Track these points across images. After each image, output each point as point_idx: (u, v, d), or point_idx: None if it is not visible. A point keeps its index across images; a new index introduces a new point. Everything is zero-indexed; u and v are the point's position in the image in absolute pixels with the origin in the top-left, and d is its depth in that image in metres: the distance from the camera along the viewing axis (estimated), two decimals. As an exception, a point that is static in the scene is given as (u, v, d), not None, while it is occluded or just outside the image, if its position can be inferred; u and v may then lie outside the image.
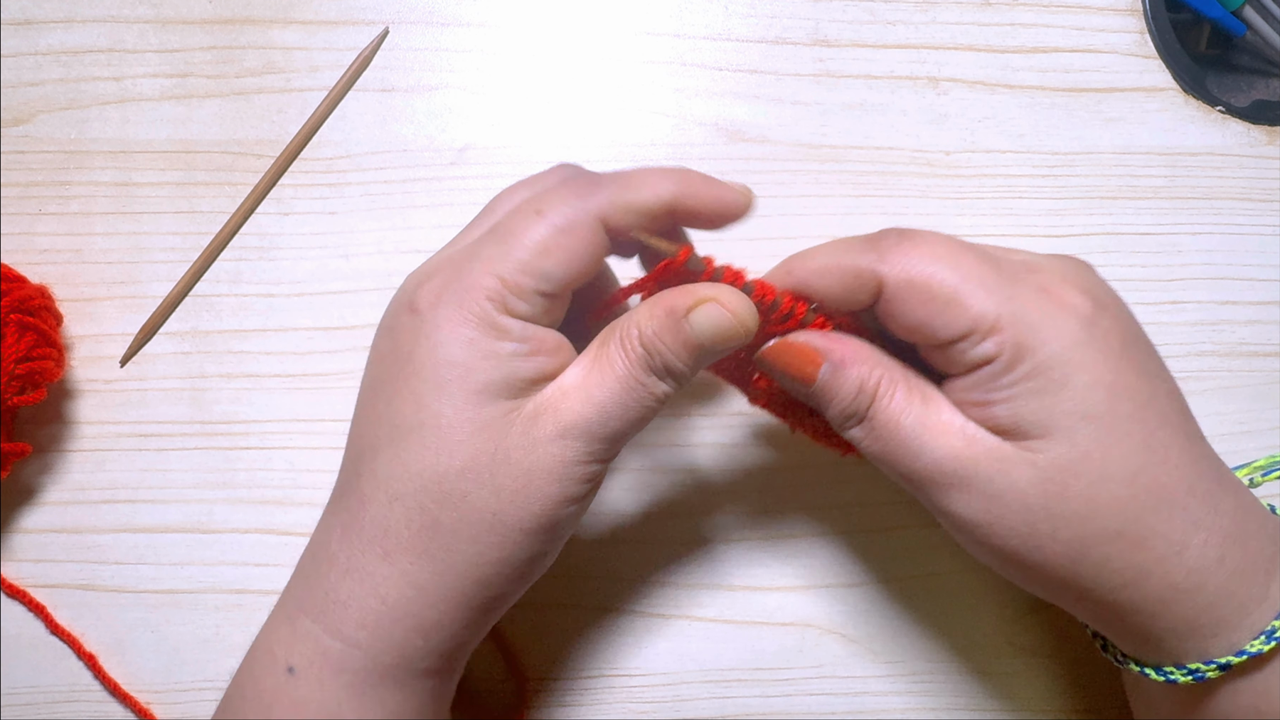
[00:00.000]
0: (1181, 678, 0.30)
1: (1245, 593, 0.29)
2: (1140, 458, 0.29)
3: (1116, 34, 0.43)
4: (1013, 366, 0.28)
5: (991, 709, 0.40)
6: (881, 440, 0.30)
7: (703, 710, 0.39)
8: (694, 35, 0.42)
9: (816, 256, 0.31)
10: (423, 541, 0.28)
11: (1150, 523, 0.29)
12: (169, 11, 0.41)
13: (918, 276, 0.29)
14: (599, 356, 0.29)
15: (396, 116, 0.41)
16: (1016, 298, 0.29)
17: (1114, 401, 0.28)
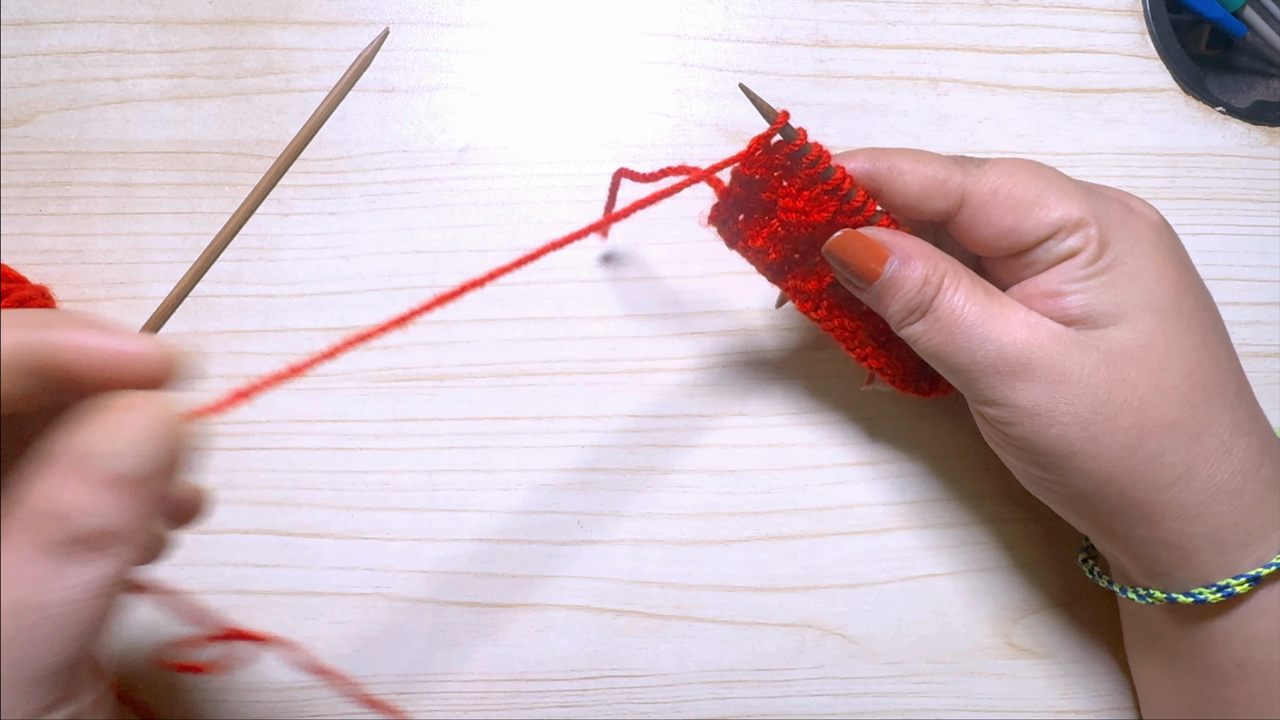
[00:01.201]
0: (1211, 596, 0.30)
1: (1277, 502, 0.30)
2: (1198, 353, 0.30)
3: (1117, 35, 0.43)
4: (1095, 259, 0.30)
5: (991, 709, 0.40)
6: (944, 332, 0.31)
7: (703, 711, 0.39)
8: (694, 36, 0.42)
9: (902, 158, 0.32)
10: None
11: (1204, 418, 0.30)
12: (169, 12, 0.41)
13: (1002, 186, 0.31)
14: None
15: (397, 117, 0.41)
16: (1096, 200, 0.31)
17: (1178, 299, 0.30)
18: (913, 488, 0.40)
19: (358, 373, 0.40)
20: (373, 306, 0.40)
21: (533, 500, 0.40)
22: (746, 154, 0.32)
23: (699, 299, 0.41)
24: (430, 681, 0.39)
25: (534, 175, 0.41)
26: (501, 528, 0.40)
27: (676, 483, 0.40)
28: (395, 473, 0.39)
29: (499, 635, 0.39)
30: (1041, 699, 0.40)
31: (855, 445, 0.41)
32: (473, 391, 0.40)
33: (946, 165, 0.32)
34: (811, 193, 0.32)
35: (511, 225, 0.41)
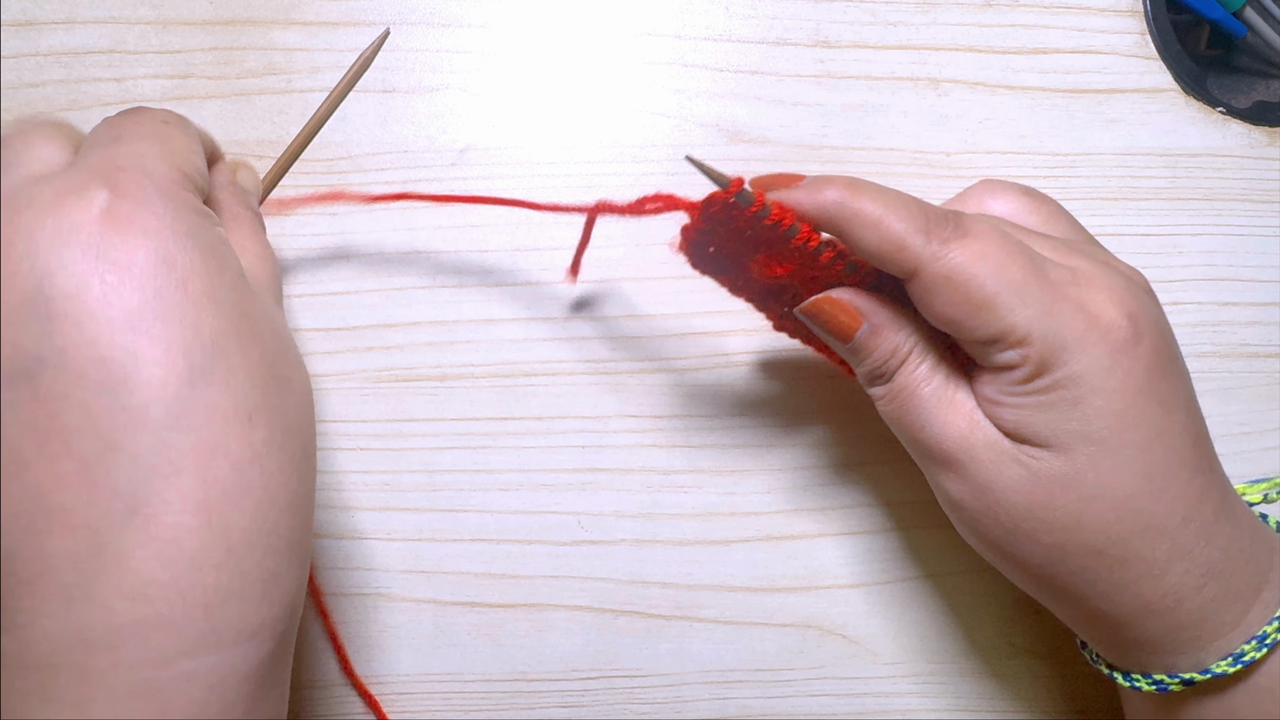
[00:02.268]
0: (1146, 686, 0.31)
1: (1218, 619, 0.29)
2: (1135, 485, 0.29)
3: (1117, 35, 0.43)
4: (1032, 379, 0.29)
5: (992, 709, 0.40)
6: (896, 403, 0.32)
7: (703, 711, 0.39)
8: (695, 36, 0.42)
9: (871, 205, 0.29)
10: (287, 452, 0.26)
11: (1134, 546, 0.29)
12: (170, 13, 0.41)
13: (956, 275, 0.28)
14: (236, 235, 0.29)
15: (397, 117, 0.41)
16: (1052, 314, 0.28)
17: (1122, 430, 0.29)
18: (913, 488, 0.40)
19: (358, 373, 0.40)
20: (373, 306, 0.40)
21: (533, 500, 0.40)
22: (700, 210, 0.31)
23: (699, 299, 0.41)
24: (430, 681, 0.39)
25: (534, 175, 0.41)
26: (501, 528, 0.40)
27: (676, 483, 0.40)
28: (395, 473, 0.39)
29: (499, 635, 0.39)
30: (1041, 699, 0.40)
31: (856, 445, 0.41)
32: (473, 391, 0.40)
33: (912, 230, 0.29)
34: (772, 252, 0.32)
35: (512, 225, 0.41)
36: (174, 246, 0.24)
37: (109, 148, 0.25)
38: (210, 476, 0.23)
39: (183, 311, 0.23)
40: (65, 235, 0.23)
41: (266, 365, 0.25)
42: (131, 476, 0.22)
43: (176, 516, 0.23)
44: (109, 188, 0.24)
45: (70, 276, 0.23)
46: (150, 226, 0.24)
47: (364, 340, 0.40)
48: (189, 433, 0.23)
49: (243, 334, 0.24)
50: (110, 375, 0.22)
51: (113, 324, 0.23)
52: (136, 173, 0.24)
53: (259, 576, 0.24)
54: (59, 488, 0.22)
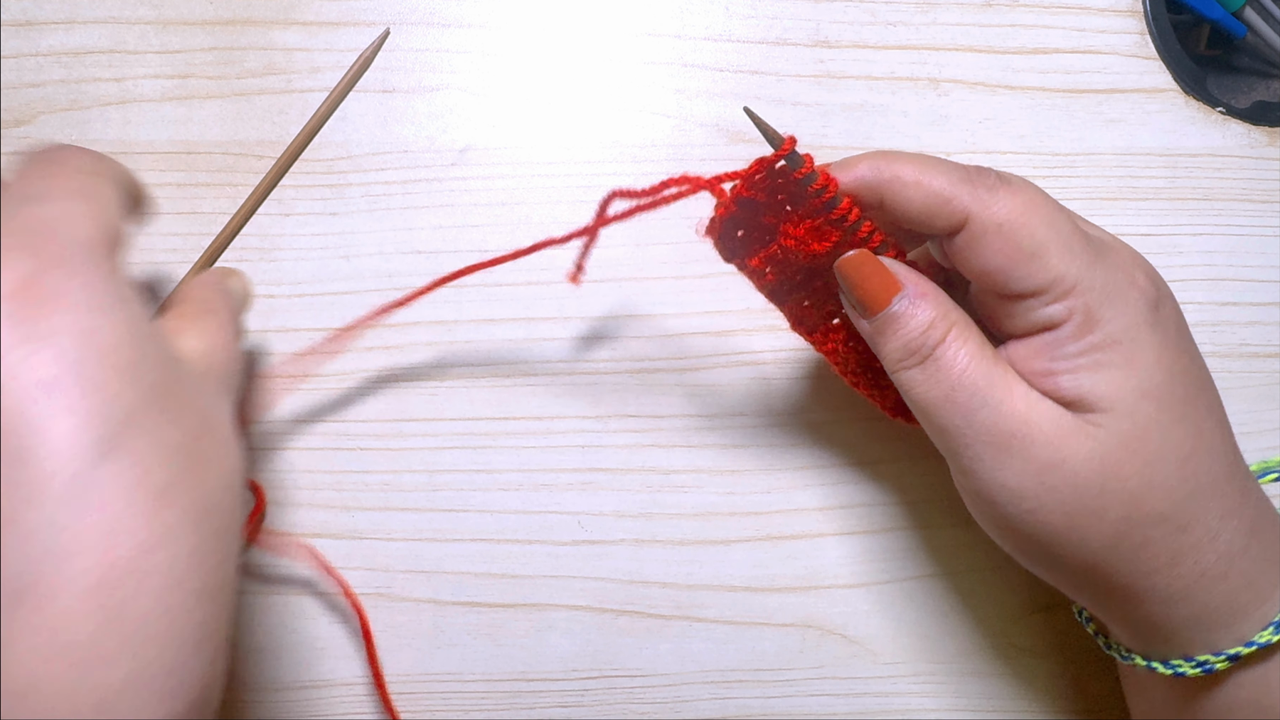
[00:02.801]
0: (1190, 670, 0.30)
1: (1262, 582, 0.29)
2: (1192, 442, 0.29)
3: (1117, 35, 0.43)
4: (1081, 335, 0.28)
5: (992, 709, 0.40)
6: (942, 385, 0.29)
7: (703, 711, 0.39)
8: (695, 36, 0.42)
9: (907, 167, 0.29)
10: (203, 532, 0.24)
11: (1194, 509, 0.29)
12: (170, 13, 0.41)
13: (1009, 223, 0.28)
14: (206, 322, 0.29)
15: (397, 117, 0.41)
16: (1095, 266, 0.28)
17: (1173, 384, 0.29)
18: (913, 487, 0.40)
19: (358, 373, 0.40)
20: (373, 306, 0.40)
21: (533, 500, 0.40)
22: (746, 175, 0.31)
23: (699, 299, 0.41)
24: (430, 681, 0.39)
25: (534, 175, 0.41)
26: (501, 528, 0.40)
27: (676, 483, 0.40)
28: (395, 473, 0.39)
29: (499, 635, 0.39)
30: (1041, 699, 0.40)
31: (856, 445, 0.41)
32: (473, 391, 0.40)
33: (955, 182, 0.29)
34: (814, 222, 0.31)
35: (512, 225, 0.41)
36: (99, 318, 0.22)
37: (33, 207, 0.24)
38: (110, 558, 0.21)
39: (98, 383, 0.22)
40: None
41: (186, 443, 0.23)
42: (22, 556, 0.20)
43: (67, 602, 0.20)
44: (33, 255, 0.22)
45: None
46: (76, 298, 0.22)
47: (364, 340, 0.40)
48: (91, 510, 0.21)
49: (162, 410, 0.23)
50: (13, 445, 0.21)
51: (23, 393, 0.21)
52: (64, 240, 0.23)
53: (159, 671, 0.22)
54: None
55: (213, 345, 0.28)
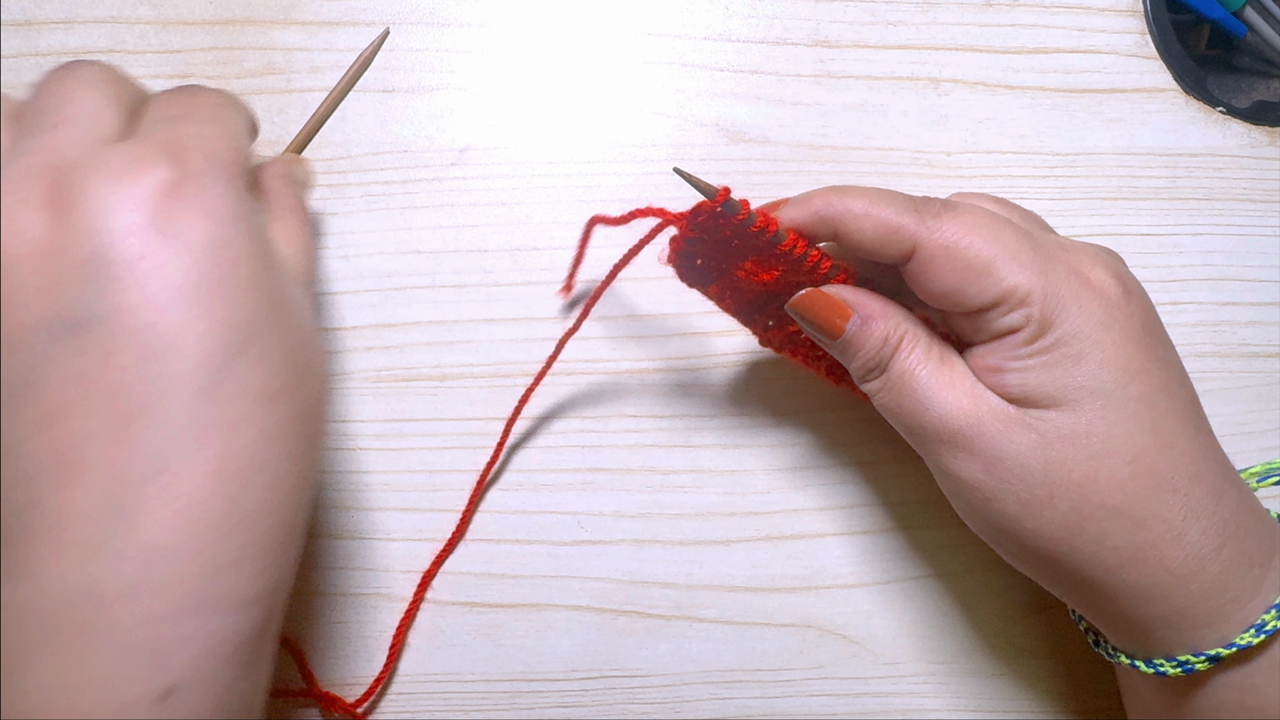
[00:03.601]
0: (1171, 670, 0.30)
1: (1239, 585, 0.29)
2: (1145, 439, 0.29)
3: (1117, 35, 0.43)
4: (1035, 339, 0.29)
5: (992, 709, 0.40)
6: (895, 393, 0.31)
7: (703, 711, 0.39)
8: (695, 36, 0.42)
9: (858, 201, 0.31)
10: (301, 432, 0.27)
11: (1150, 504, 0.29)
12: (169, 12, 0.41)
13: (955, 244, 0.30)
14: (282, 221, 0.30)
15: (397, 117, 0.41)
16: (1049, 274, 0.29)
17: (1126, 382, 0.29)
18: (914, 488, 0.40)
19: (358, 373, 0.40)
20: (373, 306, 0.40)
21: (533, 500, 0.40)
22: (686, 220, 0.32)
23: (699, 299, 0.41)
24: (430, 681, 0.39)
25: (534, 175, 0.41)
26: (501, 528, 0.40)
27: (676, 483, 0.40)
28: (395, 473, 0.39)
29: (499, 635, 0.39)
30: (1041, 699, 0.40)
31: (855, 445, 0.41)
32: (473, 391, 0.40)
33: (902, 211, 0.30)
34: (760, 257, 0.32)
35: (511, 225, 0.41)
36: (229, 229, 0.25)
37: (173, 125, 0.26)
38: (232, 449, 0.24)
39: (229, 291, 0.24)
40: (131, 205, 0.24)
41: (293, 351, 0.26)
42: (158, 440, 0.24)
43: (196, 483, 0.24)
44: (175, 165, 0.25)
45: (131, 245, 0.24)
46: (209, 207, 0.25)
47: (364, 340, 0.40)
48: (218, 405, 0.24)
49: (276, 319, 0.26)
50: (154, 342, 0.24)
51: (164, 295, 0.24)
52: (200, 154, 0.25)
53: (261, 548, 0.25)
54: (87, 443, 0.23)
55: (298, 247, 0.30)
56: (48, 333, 0.24)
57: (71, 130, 0.25)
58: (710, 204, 0.31)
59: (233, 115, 0.28)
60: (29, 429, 0.24)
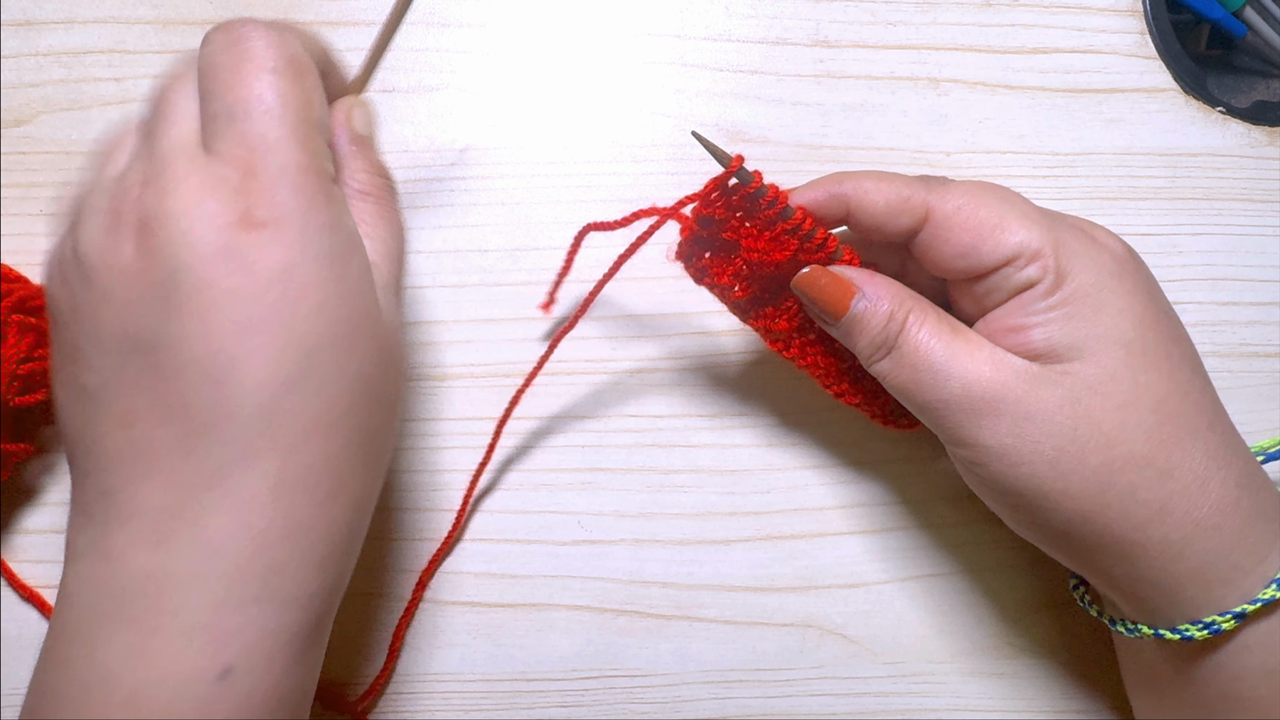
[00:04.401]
0: (1197, 633, 0.30)
1: (1256, 538, 0.30)
2: (1166, 385, 0.30)
3: (1117, 35, 0.43)
4: (1053, 290, 0.30)
5: (992, 709, 0.40)
6: (909, 368, 0.31)
7: (703, 711, 0.39)
8: (695, 36, 0.42)
9: (867, 177, 0.32)
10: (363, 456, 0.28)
11: (1175, 453, 0.29)
12: (170, 12, 0.41)
13: (965, 206, 0.31)
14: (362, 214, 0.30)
15: (397, 117, 0.41)
16: (1057, 229, 0.31)
17: (1143, 331, 0.30)
18: (913, 487, 0.40)
19: (358, 373, 0.40)
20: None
21: (533, 500, 0.40)
22: (701, 195, 0.32)
23: (699, 299, 0.40)
24: (430, 681, 0.39)
25: (534, 175, 0.41)
26: (502, 528, 0.40)
27: (676, 482, 0.40)
28: (396, 472, 0.39)
29: (499, 635, 0.39)
30: (1041, 699, 0.40)
31: (856, 445, 0.41)
32: (473, 391, 0.40)
33: (910, 183, 0.32)
34: (772, 232, 0.33)
35: (511, 225, 0.41)
36: (299, 256, 0.26)
37: (241, 127, 0.26)
38: (288, 469, 0.26)
39: (290, 324, 0.26)
40: (202, 233, 0.25)
41: (360, 375, 0.27)
42: (219, 456, 0.26)
43: (252, 494, 0.26)
44: (247, 189, 0.26)
45: (199, 273, 0.25)
46: (280, 236, 0.26)
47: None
48: (273, 432, 0.26)
49: (343, 345, 0.27)
50: (214, 369, 0.25)
51: (227, 325, 0.25)
52: (273, 169, 0.26)
53: (315, 556, 0.27)
54: (157, 448, 0.26)
55: (381, 237, 0.30)
56: (127, 344, 0.26)
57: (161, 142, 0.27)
58: (724, 175, 0.32)
59: (296, 88, 0.27)
60: (109, 426, 0.26)
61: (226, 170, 0.26)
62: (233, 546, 0.26)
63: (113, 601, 0.26)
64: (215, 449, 0.26)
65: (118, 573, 0.26)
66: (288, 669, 0.27)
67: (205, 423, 0.26)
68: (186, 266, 0.25)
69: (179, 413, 0.26)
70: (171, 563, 0.26)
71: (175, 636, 0.26)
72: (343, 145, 0.31)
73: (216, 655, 0.26)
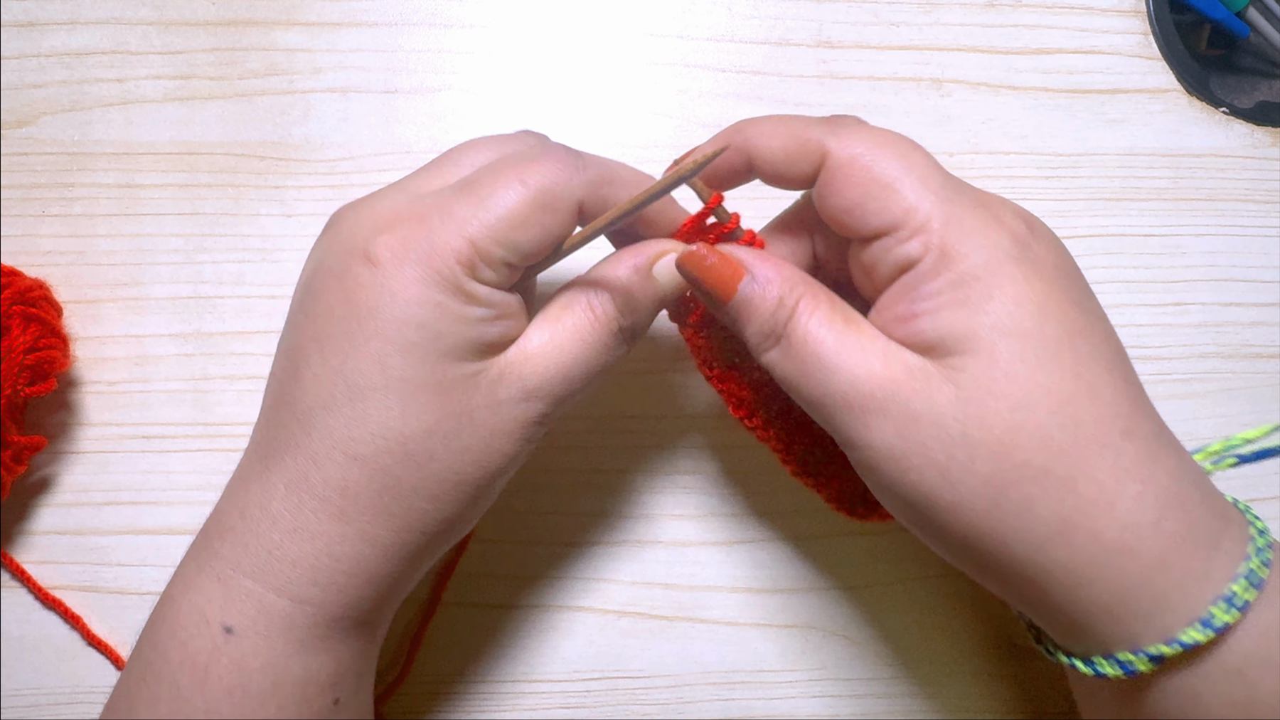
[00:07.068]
0: (1110, 670, 0.27)
1: (1183, 566, 0.26)
2: (1068, 385, 0.26)
3: (1120, 35, 0.43)
4: (938, 272, 0.27)
5: (993, 710, 0.40)
6: (797, 360, 0.29)
7: (706, 711, 0.39)
8: (698, 37, 0.42)
9: (766, 120, 0.30)
10: (384, 501, 0.28)
11: (1077, 462, 0.26)
12: (172, 13, 0.41)
13: (861, 157, 0.28)
14: (564, 320, 0.30)
15: (399, 118, 0.41)
16: (954, 202, 0.28)
17: (1042, 321, 0.27)
18: (915, 489, 0.40)
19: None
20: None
21: (534, 501, 0.40)
22: (680, 233, 0.32)
23: (702, 300, 0.41)
24: (433, 682, 0.39)
25: (536, 176, 0.41)
26: (503, 528, 0.40)
27: (679, 483, 0.40)
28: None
29: (501, 636, 0.39)
30: (1042, 699, 0.40)
31: (858, 446, 0.41)
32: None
33: (810, 124, 0.29)
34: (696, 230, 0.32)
35: (514, 226, 0.41)
36: (387, 304, 0.27)
37: (451, 195, 0.29)
38: (306, 473, 0.28)
39: (349, 354, 0.28)
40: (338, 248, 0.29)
41: (400, 433, 0.28)
42: (275, 434, 0.29)
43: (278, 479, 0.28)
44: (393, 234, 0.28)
45: (321, 278, 0.29)
46: (382, 280, 0.27)
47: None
48: (306, 436, 0.28)
49: (392, 398, 0.28)
50: (295, 360, 0.29)
51: (312, 329, 0.29)
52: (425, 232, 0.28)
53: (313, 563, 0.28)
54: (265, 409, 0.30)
55: (540, 349, 0.30)
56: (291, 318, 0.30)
57: (413, 180, 0.31)
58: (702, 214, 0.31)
59: (519, 205, 0.28)
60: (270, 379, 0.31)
61: (405, 214, 0.28)
62: (255, 518, 0.28)
63: (201, 532, 0.30)
64: (276, 428, 0.29)
65: (216, 508, 0.30)
66: (287, 654, 0.28)
67: (280, 401, 0.29)
68: (321, 268, 0.29)
69: (276, 384, 0.30)
70: (227, 512, 0.29)
71: (208, 579, 0.29)
72: (619, 268, 0.31)
73: (224, 610, 0.28)
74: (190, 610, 0.29)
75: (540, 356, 0.29)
